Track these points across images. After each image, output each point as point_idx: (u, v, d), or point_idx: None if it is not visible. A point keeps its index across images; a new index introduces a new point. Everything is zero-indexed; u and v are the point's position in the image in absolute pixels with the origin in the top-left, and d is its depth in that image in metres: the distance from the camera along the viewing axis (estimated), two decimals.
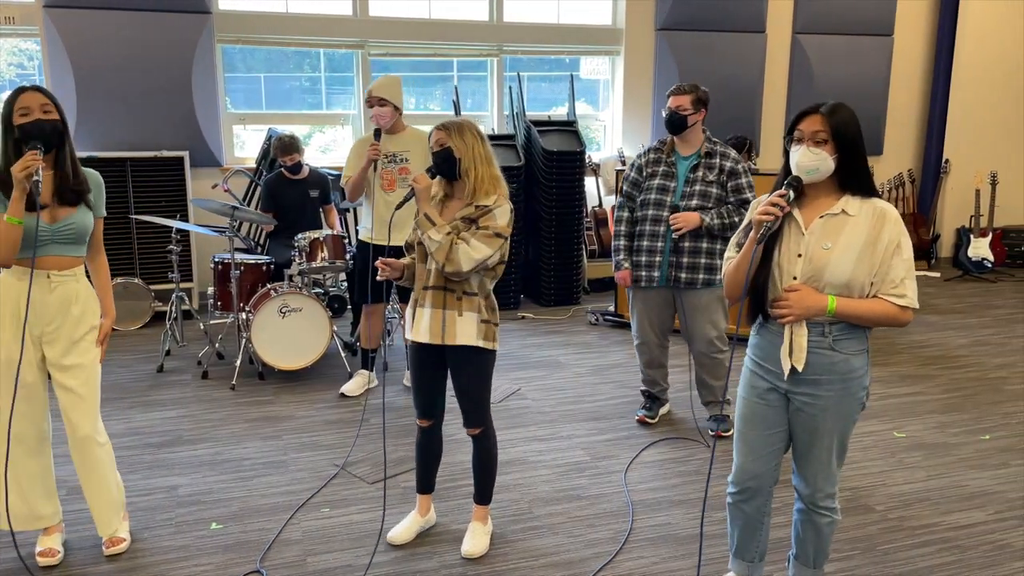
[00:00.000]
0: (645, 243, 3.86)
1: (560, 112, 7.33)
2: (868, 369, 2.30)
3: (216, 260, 4.95)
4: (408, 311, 2.89)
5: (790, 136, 2.24)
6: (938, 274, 7.93)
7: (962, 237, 8.03)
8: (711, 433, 3.99)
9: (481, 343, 2.77)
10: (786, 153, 2.27)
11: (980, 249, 7.84)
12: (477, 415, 2.88)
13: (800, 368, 2.24)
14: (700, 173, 3.76)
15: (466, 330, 2.76)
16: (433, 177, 2.77)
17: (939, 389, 4.71)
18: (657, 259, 3.83)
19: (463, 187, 2.77)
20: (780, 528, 3.12)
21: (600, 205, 7.13)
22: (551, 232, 6.47)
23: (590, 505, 3.31)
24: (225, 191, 5.70)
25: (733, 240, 2.39)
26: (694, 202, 3.74)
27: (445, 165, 2.74)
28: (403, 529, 3.03)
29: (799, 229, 2.24)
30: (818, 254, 2.21)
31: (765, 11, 7.44)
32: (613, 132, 7.52)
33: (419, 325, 2.79)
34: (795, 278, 2.23)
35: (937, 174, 8.24)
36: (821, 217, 2.23)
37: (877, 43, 7.85)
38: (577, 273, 6.61)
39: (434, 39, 6.83)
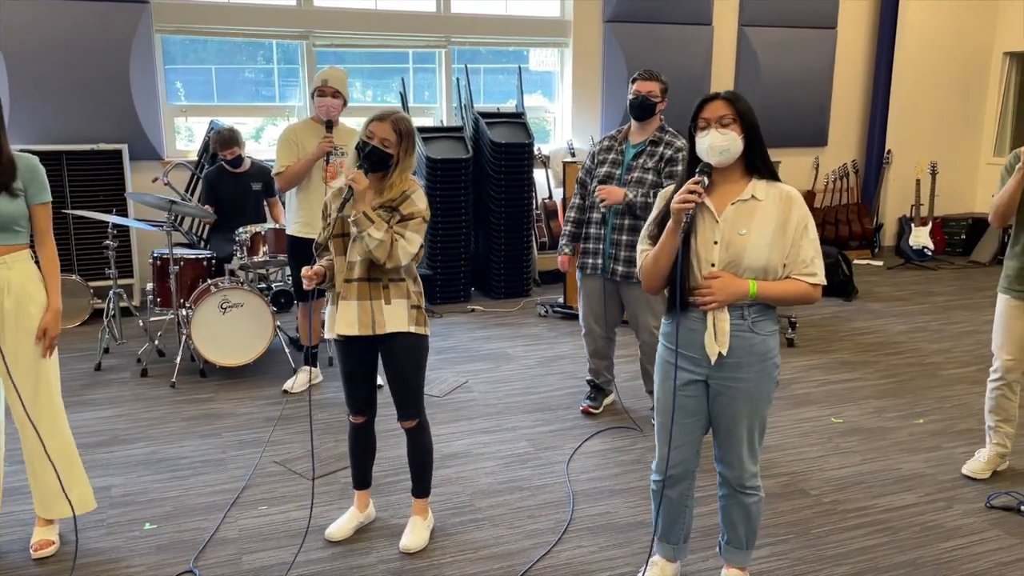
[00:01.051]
0: (592, 231, 3.89)
1: (510, 104, 7.32)
2: (779, 350, 2.36)
3: (155, 255, 4.84)
4: (329, 307, 2.85)
5: (694, 124, 2.27)
6: (881, 262, 8.11)
7: (904, 226, 8.22)
8: (653, 423, 4.02)
9: (413, 328, 2.76)
10: (691, 141, 2.30)
11: (921, 238, 8.03)
12: (412, 406, 2.86)
13: (724, 352, 2.27)
14: (641, 160, 3.78)
15: (396, 317, 2.74)
16: (366, 173, 2.73)
17: (877, 375, 4.81)
18: (600, 247, 3.85)
19: (380, 183, 2.75)
20: (706, 517, 3.16)
21: (550, 197, 7.14)
22: (500, 224, 6.46)
23: (532, 496, 3.32)
24: (165, 184, 5.57)
25: (644, 233, 2.40)
26: (628, 189, 3.76)
27: (378, 165, 2.70)
28: (341, 525, 3.01)
29: (712, 216, 2.27)
30: (734, 240, 2.24)
31: (712, 3, 7.50)
32: (563, 124, 7.53)
33: (345, 319, 2.76)
34: (713, 265, 2.26)
35: (880, 165, 8.42)
36: (733, 203, 2.26)
37: (821, 36, 7.98)
38: (527, 265, 6.62)
39: (381, 30, 6.76)
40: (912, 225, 8.10)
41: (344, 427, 3.98)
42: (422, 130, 6.47)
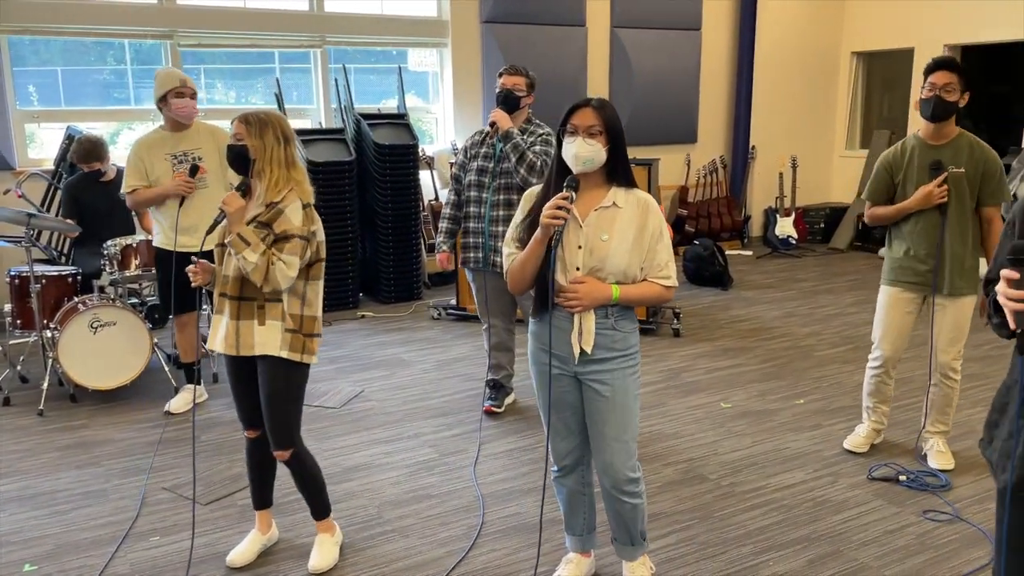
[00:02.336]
0: (471, 225, 3.89)
1: (389, 105, 7.21)
2: (639, 345, 2.46)
3: (12, 274, 4.45)
4: (214, 316, 2.71)
5: (563, 128, 2.33)
6: (750, 252, 8.54)
7: (769, 217, 8.70)
8: (483, 408, 4.06)
9: (285, 354, 2.59)
10: (559, 144, 2.35)
11: (785, 227, 8.52)
12: (282, 436, 2.68)
13: (589, 350, 2.35)
14: (502, 144, 3.81)
15: (267, 340, 2.59)
16: (240, 192, 2.59)
17: (757, 360, 5.06)
18: (480, 241, 3.88)
19: (256, 186, 2.63)
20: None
21: (436, 198, 7.08)
22: (388, 227, 6.35)
23: (441, 503, 3.28)
24: (19, 196, 5.14)
25: (510, 235, 2.44)
26: (503, 180, 3.80)
27: (237, 162, 2.59)
28: (244, 549, 2.86)
29: (576, 222, 2.33)
30: (598, 245, 2.31)
31: (584, 5, 7.66)
32: (445, 124, 7.49)
33: (216, 335, 2.65)
34: (578, 269, 2.33)
35: (745, 159, 8.86)
36: (596, 210, 2.34)
37: (687, 37, 8.31)
38: (417, 268, 6.54)
39: (251, 29, 6.50)
40: (777, 216, 8.58)
41: (238, 446, 3.79)
42: (301, 132, 6.27)
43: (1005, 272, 1.57)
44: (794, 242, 8.51)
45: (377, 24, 6.99)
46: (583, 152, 2.29)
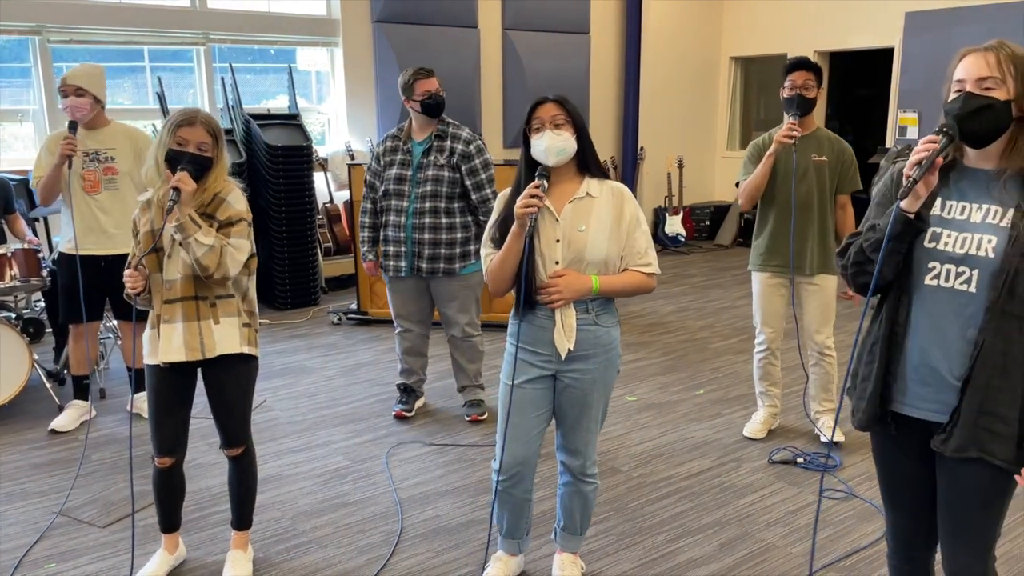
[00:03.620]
0: (390, 233, 3.84)
1: (278, 105, 7.00)
2: (619, 338, 2.49)
3: None
4: (148, 331, 2.56)
5: (528, 126, 2.33)
6: None
7: (659, 216, 9.00)
8: (467, 419, 4.06)
9: (247, 349, 2.56)
10: (526, 144, 2.35)
11: (674, 226, 8.84)
12: (240, 432, 2.64)
13: (571, 347, 2.36)
14: (432, 157, 3.78)
15: (227, 337, 2.51)
16: (193, 177, 2.45)
17: (658, 353, 5.23)
18: (403, 249, 3.81)
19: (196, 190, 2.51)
20: (535, 505, 3.26)
21: (331, 201, 6.93)
22: (282, 231, 6.17)
23: (357, 511, 3.21)
24: None
25: (487, 236, 2.44)
26: (428, 188, 3.76)
27: (200, 172, 2.44)
28: (152, 571, 2.71)
29: (552, 216, 2.34)
30: (575, 237, 2.33)
31: (476, 7, 7.69)
32: (338, 125, 7.35)
33: (170, 343, 2.49)
34: (557, 263, 2.33)
35: (635, 160, 9.13)
36: (570, 202, 2.35)
37: (576, 40, 8.48)
38: (313, 273, 6.38)
39: (128, 25, 6.16)
40: (667, 215, 8.89)
41: (137, 463, 3.58)
42: None
43: (928, 136, 1.71)
44: (683, 239, 8.84)
45: (264, 22, 6.77)
46: (554, 143, 2.28)
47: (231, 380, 2.57)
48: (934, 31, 7.49)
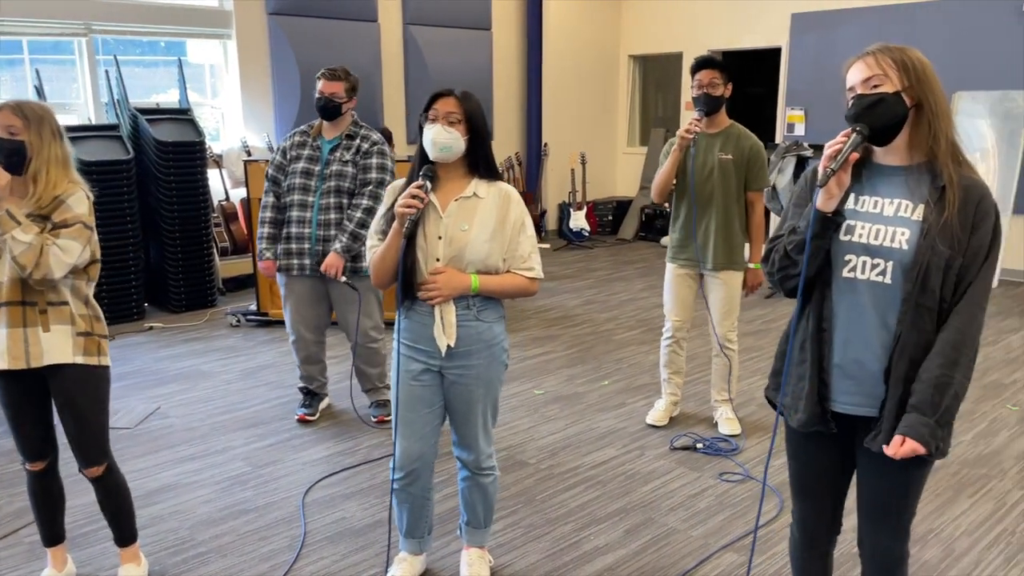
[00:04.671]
0: (293, 230, 3.72)
1: (169, 99, 6.70)
2: (506, 334, 2.49)
3: None
4: None
5: (425, 114, 2.31)
6: (548, 245, 8.89)
7: (564, 211, 9.11)
8: (373, 420, 4.00)
9: (81, 359, 2.37)
10: (421, 131, 2.34)
11: (579, 220, 8.96)
12: (96, 449, 2.46)
13: (453, 343, 2.35)
14: (339, 154, 3.71)
15: (58, 347, 2.34)
16: (5, 166, 2.25)
17: (564, 346, 5.29)
18: (306, 247, 3.70)
19: (25, 186, 2.30)
20: (439, 503, 3.25)
21: (227, 199, 6.70)
22: (174, 231, 5.92)
23: (259, 517, 3.11)
24: None
25: (374, 227, 2.41)
26: (332, 183, 3.68)
27: (11, 159, 2.24)
28: None
29: (437, 212, 2.34)
30: (457, 235, 2.33)
31: (376, 1, 7.58)
32: (233, 121, 7.10)
33: None
34: (438, 259, 2.33)
35: (539, 156, 9.21)
36: (456, 200, 2.35)
37: (478, 36, 8.48)
38: (210, 273, 6.15)
39: (4, 15, 5.76)
40: (571, 210, 9.01)
41: (15, 479, 3.37)
42: (69, 129, 5.66)
43: (843, 131, 1.76)
44: (587, 234, 8.97)
45: (151, 13, 6.48)
46: (440, 139, 2.26)
47: (73, 392, 2.39)
48: (819, 32, 7.85)
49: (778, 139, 8.44)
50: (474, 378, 2.41)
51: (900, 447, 1.72)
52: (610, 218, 9.53)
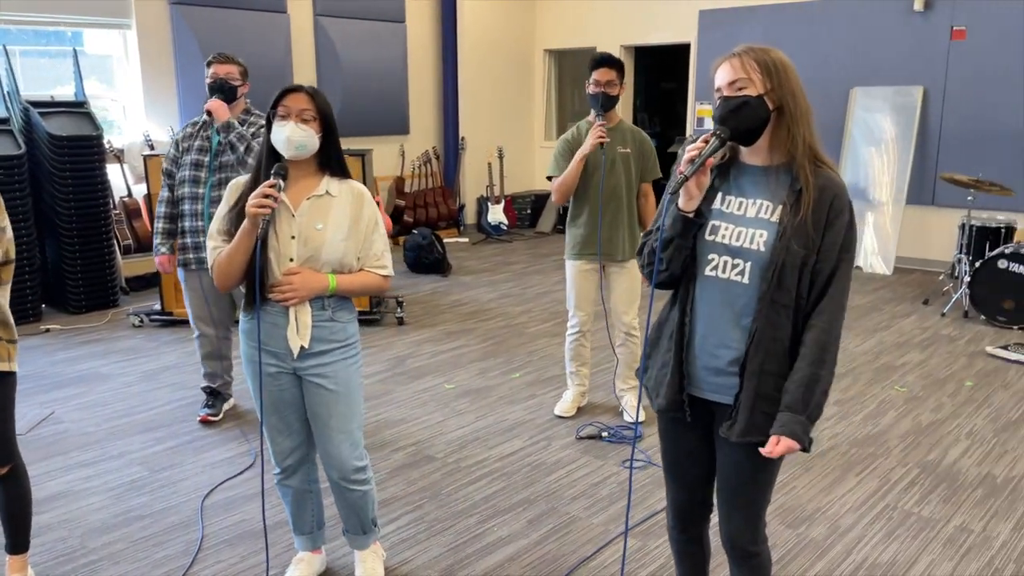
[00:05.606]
0: (187, 223, 3.64)
1: (66, 92, 6.43)
2: (359, 333, 2.48)
3: None
4: None
5: (273, 111, 2.26)
6: (467, 239, 8.90)
7: (482, 205, 9.12)
8: (198, 418, 3.92)
9: None
10: (269, 128, 2.28)
11: (497, 214, 8.99)
12: (4, 451, 2.41)
13: (307, 344, 2.32)
14: (223, 135, 3.62)
15: None
16: None
17: (478, 340, 5.30)
18: (200, 239, 3.63)
19: None
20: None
21: (129, 195, 6.46)
22: (72, 229, 5.68)
23: (155, 523, 3.03)
24: None
25: (215, 227, 2.32)
26: (223, 174, 3.61)
27: None
28: None
29: (289, 211, 2.29)
30: (312, 235, 2.29)
31: None
32: (134, 114, 6.85)
33: None
34: (292, 260, 2.29)
35: (457, 150, 9.19)
36: (308, 199, 2.31)
37: (392, 29, 8.40)
38: (111, 272, 5.93)
39: None
40: (489, 204, 9.03)
41: None
42: None
43: (703, 136, 1.81)
44: (505, 228, 9.01)
45: (45, 1, 6.18)
46: (296, 136, 2.22)
47: None
48: (725, 28, 8.06)
49: (688, 133, 8.64)
50: (331, 379, 2.37)
51: (776, 446, 1.79)
52: (529, 211, 9.59)
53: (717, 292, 1.87)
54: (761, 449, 1.82)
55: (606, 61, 3.66)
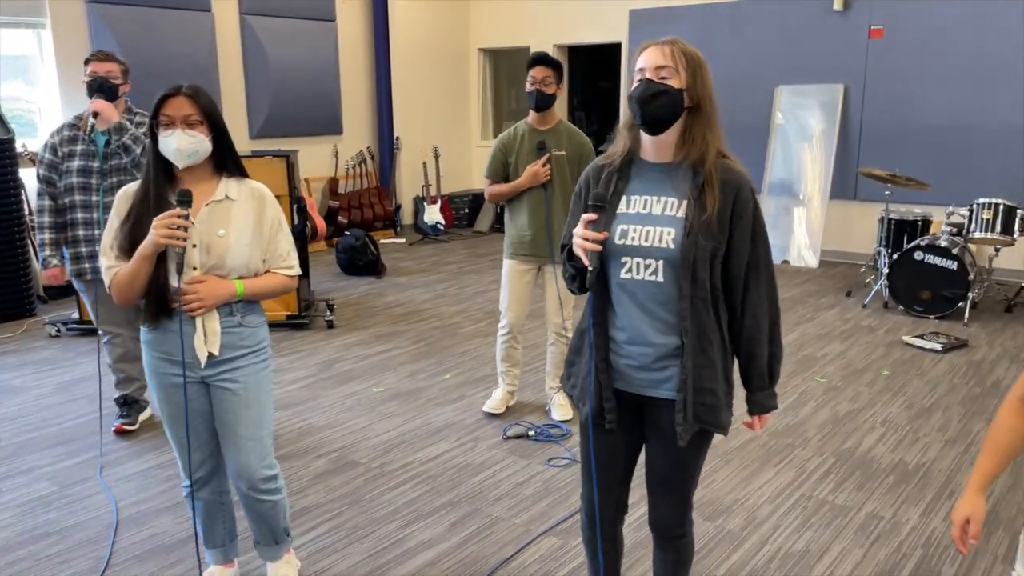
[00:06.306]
0: (81, 232, 3.51)
1: None
2: (269, 337, 2.43)
3: None
4: None
5: (155, 121, 2.17)
6: (403, 240, 8.83)
7: (418, 205, 9.06)
8: (113, 429, 3.82)
9: None
10: (154, 139, 2.19)
11: (433, 214, 8.94)
12: None
13: (216, 352, 2.26)
14: (113, 146, 3.51)
15: None
16: None
17: (409, 342, 5.26)
18: (97, 248, 3.50)
19: None
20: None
21: None
22: None
23: (63, 539, 2.92)
24: None
25: (109, 242, 2.22)
26: (115, 179, 3.50)
27: None
28: None
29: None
30: (215, 242, 2.23)
31: None
32: (51, 115, 6.61)
33: None
34: (195, 268, 2.22)
35: (391, 150, 9.11)
36: (207, 204, 2.24)
37: (322, 27, 8.28)
38: (27, 280, 5.71)
39: None
40: (425, 204, 8.97)
41: None
42: None
43: (586, 216, 1.84)
44: (442, 227, 8.97)
45: None
46: (186, 145, 2.15)
47: None
48: (655, 27, 8.15)
49: None
50: (242, 386, 2.31)
51: (760, 422, 2.04)
52: (466, 211, 9.56)
53: (635, 294, 1.90)
54: (746, 422, 2.04)
55: (542, 60, 3.67)
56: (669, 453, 1.98)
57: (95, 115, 3.44)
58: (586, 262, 1.83)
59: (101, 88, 3.43)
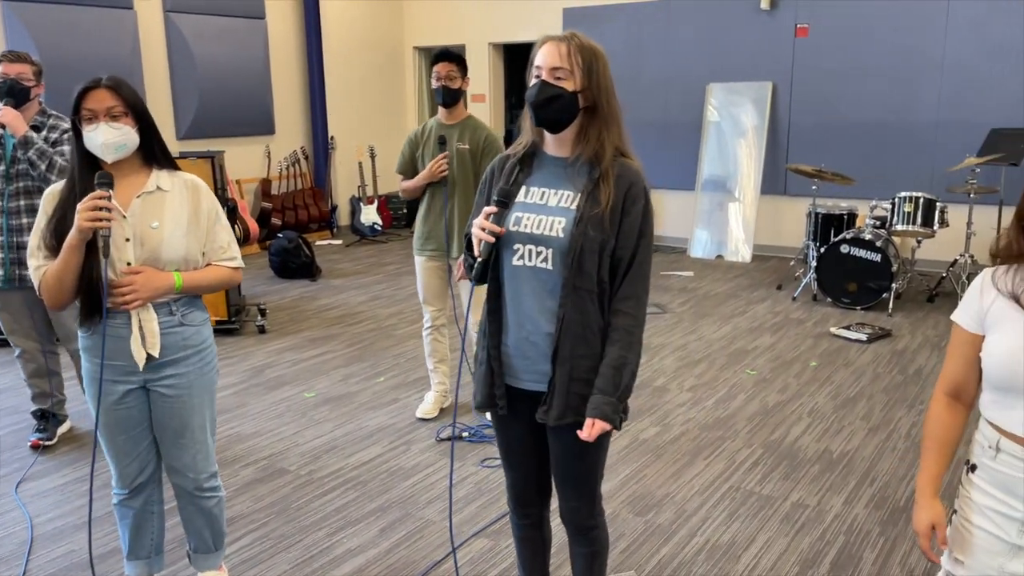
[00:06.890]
0: None
1: None
2: (213, 337, 2.36)
3: None
4: None
5: (78, 116, 2.10)
6: (340, 241, 8.71)
7: (354, 206, 8.95)
8: (29, 443, 3.67)
9: None
10: (78, 135, 2.11)
11: (370, 215, 8.84)
12: None
13: (157, 354, 2.19)
14: (23, 151, 3.37)
15: None
16: None
17: (343, 345, 5.18)
18: (1, 256, 3.35)
19: None
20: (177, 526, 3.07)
21: None
22: None
23: None
24: None
25: (36, 242, 2.14)
26: (22, 183, 3.36)
27: None
28: None
29: (119, 212, 2.14)
30: (149, 235, 2.16)
31: None
32: None
33: None
34: (129, 263, 2.15)
35: (326, 150, 8.97)
36: (138, 196, 2.18)
37: (251, 25, 8.10)
38: None
39: None
40: (361, 204, 8.86)
41: None
42: None
43: (487, 208, 1.87)
44: (380, 228, 8.87)
45: None
46: (112, 139, 2.07)
47: None
48: (588, 25, 8.19)
49: None
50: (186, 389, 2.25)
51: (591, 429, 1.85)
52: (404, 211, 9.47)
53: (525, 280, 1.92)
54: (579, 432, 1.87)
55: (445, 55, 3.67)
56: (564, 446, 1.99)
57: (1, 126, 3.29)
58: (477, 252, 1.86)
59: (11, 91, 3.28)
